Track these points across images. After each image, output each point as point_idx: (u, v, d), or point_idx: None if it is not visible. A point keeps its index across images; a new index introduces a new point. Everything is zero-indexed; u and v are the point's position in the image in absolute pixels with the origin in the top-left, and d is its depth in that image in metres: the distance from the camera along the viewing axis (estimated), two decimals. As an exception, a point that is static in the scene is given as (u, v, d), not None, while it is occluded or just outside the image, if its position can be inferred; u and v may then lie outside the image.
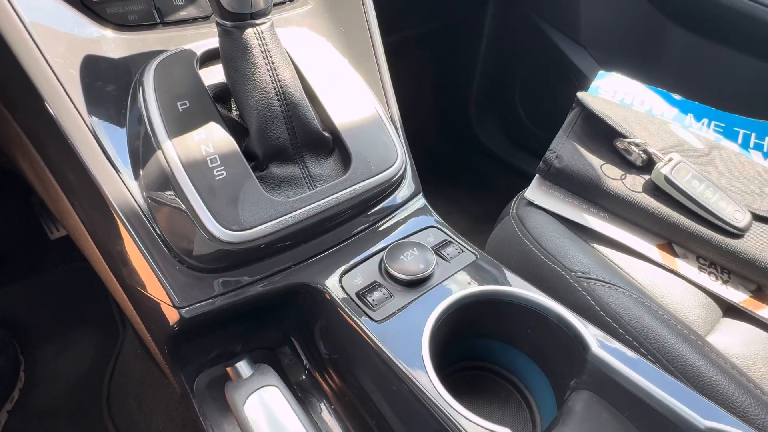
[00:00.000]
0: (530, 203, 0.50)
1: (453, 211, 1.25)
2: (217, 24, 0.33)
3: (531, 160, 1.30)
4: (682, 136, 0.53)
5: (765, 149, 0.64)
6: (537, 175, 0.52)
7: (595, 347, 0.30)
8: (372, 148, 0.39)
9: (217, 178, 0.33)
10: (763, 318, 0.43)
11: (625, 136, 0.50)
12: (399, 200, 0.42)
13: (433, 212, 0.43)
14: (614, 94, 0.71)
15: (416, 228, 0.42)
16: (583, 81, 1.01)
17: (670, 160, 0.47)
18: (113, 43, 0.36)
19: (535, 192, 0.51)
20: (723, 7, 0.77)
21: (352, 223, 0.39)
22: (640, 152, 0.49)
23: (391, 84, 0.47)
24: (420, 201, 0.44)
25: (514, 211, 0.51)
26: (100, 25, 0.36)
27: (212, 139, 0.34)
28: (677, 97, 0.71)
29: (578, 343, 0.31)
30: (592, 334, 0.31)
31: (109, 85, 0.35)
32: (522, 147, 1.25)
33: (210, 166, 0.33)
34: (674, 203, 0.46)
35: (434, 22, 1.14)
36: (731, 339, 0.42)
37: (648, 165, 0.49)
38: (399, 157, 0.40)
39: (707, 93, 0.89)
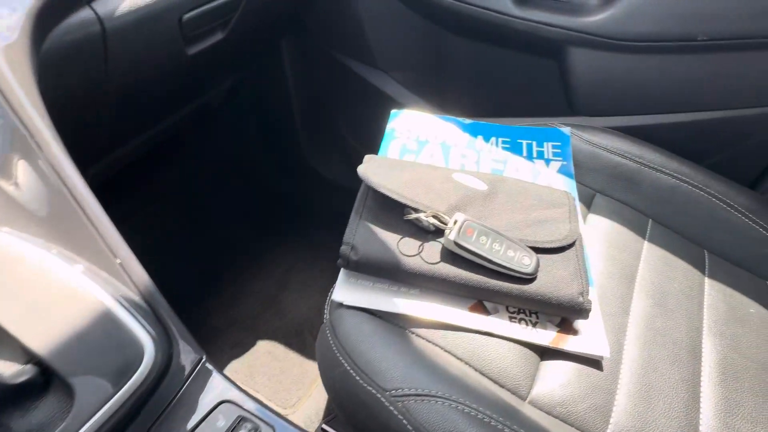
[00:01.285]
0: (342, 304, 0.47)
1: (318, 255, 1.21)
2: None
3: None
4: (465, 183, 0.54)
5: (545, 156, 0.69)
6: (342, 270, 0.49)
7: None
8: (102, 357, 0.31)
9: None
10: (571, 351, 0.45)
11: (412, 207, 0.49)
12: (174, 386, 0.36)
13: (221, 378, 0.37)
14: (409, 133, 0.71)
15: (205, 410, 0.35)
16: (391, 103, 1.02)
17: (455, 222, 0.47)
18: None
19: (342, 291, 0.47)
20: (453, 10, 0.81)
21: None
22: (428, 219, 0.48)
23: (119, 237, 0.38)
24: (204, 369, 0.37)
25: (327, 317, 0.47)
26: None
27: None
28: (467, 121, 0.74)
29: None
30: None
31: None
32: (363, 171, 1.25)
33: None
34: (470, 264, 0.46)
35: (235, 76, 1.06)
36: (552, 383, 0.43)
37: (440, 229, 0.48)
38: (148, 346, 0.33)
39: (499, 96, 0.96)
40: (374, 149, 0.64)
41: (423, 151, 0.67)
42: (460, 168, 0.64)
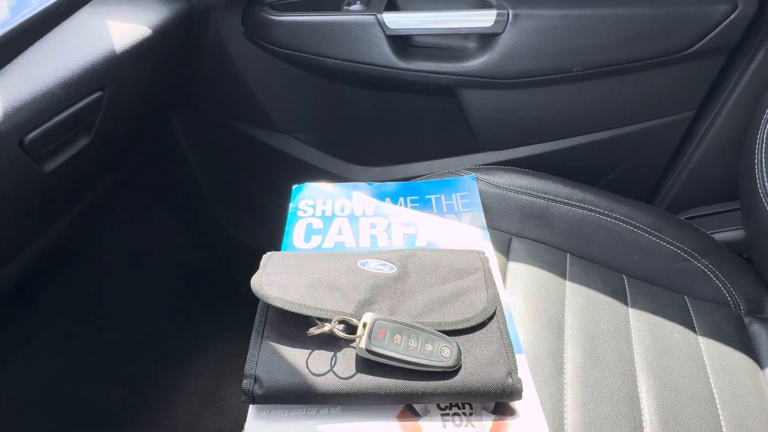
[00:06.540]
0: (254, 446, 0.41)
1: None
2: None
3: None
4: (373, 270, 0.50)
5: (455, 209, 0.67)
6: (250, 405, 0.43)
7: None
8: None
9: None
10: (511, 439, 0.42)
11: (317, 317, 0.44)
12: None
13: None
14: (315, 207, 0.67)
15: None
16: (299, 164, 0.98)
17: (365, 324, 0.43)
18: None
19: (253, 428, 0.41)
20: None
21: None
22: (335, 329, 0.43)
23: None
24: None
25: (241, 466, 0.41)
26: None
27: None
28: (374, 184, 0.71)
29: None
30: None
31: None
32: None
33: None
34: (389, 368, 0.42)
35: (122, 169, 0.97)
36: (498, 484, 0.40)
37: (351, 333, 0.44)
38: None
39: (407, 140, 0.94)
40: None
41: (330, 228, 0.63)
42: (370, 241, 0.61)
